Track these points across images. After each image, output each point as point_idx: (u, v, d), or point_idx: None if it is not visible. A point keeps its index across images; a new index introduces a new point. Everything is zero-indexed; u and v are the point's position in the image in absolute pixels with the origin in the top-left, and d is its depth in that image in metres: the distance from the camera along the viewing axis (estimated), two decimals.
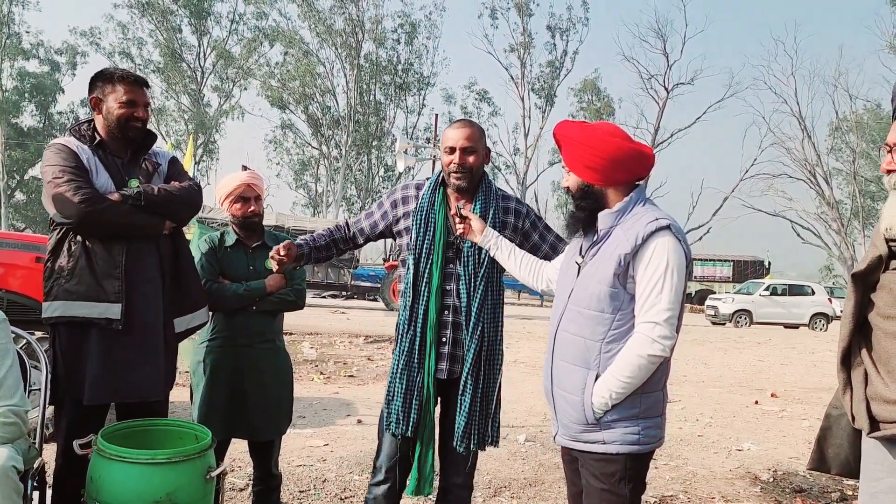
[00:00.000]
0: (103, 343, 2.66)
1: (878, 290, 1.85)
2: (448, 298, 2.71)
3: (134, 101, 2.75)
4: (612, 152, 2.22)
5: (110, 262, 2.68)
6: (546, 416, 6.53)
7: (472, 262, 2.71)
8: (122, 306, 2.66)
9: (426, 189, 2.79)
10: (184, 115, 41.60)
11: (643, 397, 2.18)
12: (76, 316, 2.65)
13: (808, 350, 14.86)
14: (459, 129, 2.72)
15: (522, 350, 11.84)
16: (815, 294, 23.76)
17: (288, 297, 3.26)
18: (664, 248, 2.13)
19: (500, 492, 4.36)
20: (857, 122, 39.62)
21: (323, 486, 4.27)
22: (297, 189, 47.07)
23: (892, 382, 1.75)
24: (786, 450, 5.86)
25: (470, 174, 2.71)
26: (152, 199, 2.72)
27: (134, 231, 2.72)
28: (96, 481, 2.35)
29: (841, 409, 1.98)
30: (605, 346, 2.18)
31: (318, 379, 8.28)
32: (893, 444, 1.78)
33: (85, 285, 2.65)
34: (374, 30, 41.74)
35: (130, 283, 2.69)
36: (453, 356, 2.72)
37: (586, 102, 44.35)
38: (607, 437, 2.18)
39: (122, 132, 2.76)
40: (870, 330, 1.86)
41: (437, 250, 2.70)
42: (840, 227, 39.72)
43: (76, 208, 2.59)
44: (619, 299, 2.17)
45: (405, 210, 2.82)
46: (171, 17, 40.26)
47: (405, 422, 2.68)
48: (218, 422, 3.04)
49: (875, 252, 1.86)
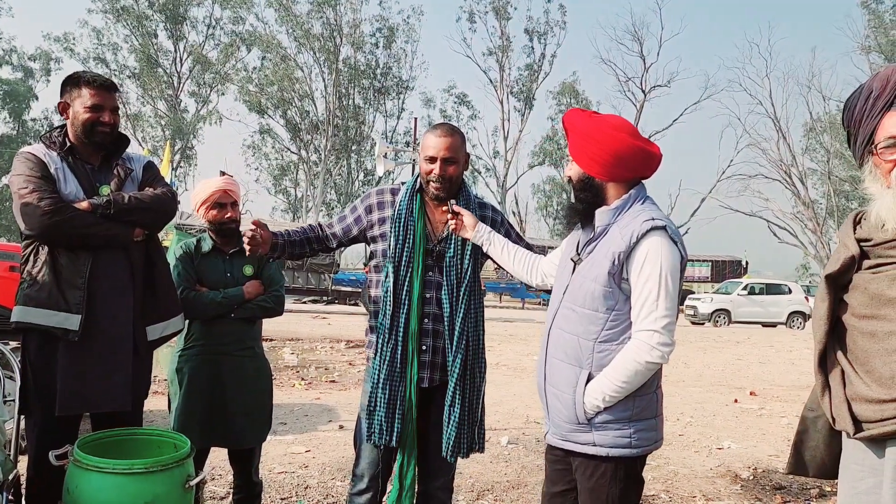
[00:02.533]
0: (69, 353, 2.62)
1: (852, 290, 1.86)
2: (428, 307, 2.68)
3: (100, 105, 2.70)
4: (617, 148, 2.19)
5: (75, 271, 2.63)
6: (528, 419, 6.55)
7: (454, 272, 2.68)
8: (82, 317, 2.61)
9: (403, 195, 2.74)
10: (160, 121, 41.21)
11: (636, 400, 2.17)
12: (32, 323, 2.60)
13: (786, 348, 15.03)
14: (441, 137, 2.65)
15: (504, 353, 11.85)
16: (792, 293, 24.07)
17: (266, 304, 3.23)
18: (658, 252, 2.11)
19: (482, 495, 4.36)
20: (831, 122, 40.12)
21: (305, 492, 4.24)
22: (277, 194, 46.88)
23: (873, 382, 1.76)
24: (765, 447, 5.92)
25: (449, 184, 2.69)
26: (122, 208, 2.68)
27: (101, 240, 2.67)
28: (73, 492, 2.32)
29: (817, 412, 1.98)
30: (599, 346, 2.17)
31: (300, 385, 8.22)
32: (875, 444, 1.78)
33: (46, 293, 2.61)
34: (353, 34, 41.68)
35: (95, 293, 2.64)
36: (433, 364, 2.69)
37: (565, 105, 44.58)
38: (598, 439, 2.16)
39: (88, 137, 2.72)
40: (844, 331, 1.86)
41: (416, 258, 2.66)
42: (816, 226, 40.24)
43: (40, 220, 2.55)
44: (614, 299, 2.16)
45: (381, 216, 2.77)
46: (146, 23, 39.89)
47: (389, 432, 2.64)
48: (197, 430, 3.00)
49: (847, 252, 1.86)
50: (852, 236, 1.87)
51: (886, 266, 1.78)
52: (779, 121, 41.43)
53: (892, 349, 1.72)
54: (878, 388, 1.74)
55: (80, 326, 2.60)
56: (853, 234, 1.87)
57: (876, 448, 1.78)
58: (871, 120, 1.84)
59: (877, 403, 1.74)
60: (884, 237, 1.79)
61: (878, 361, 1.75)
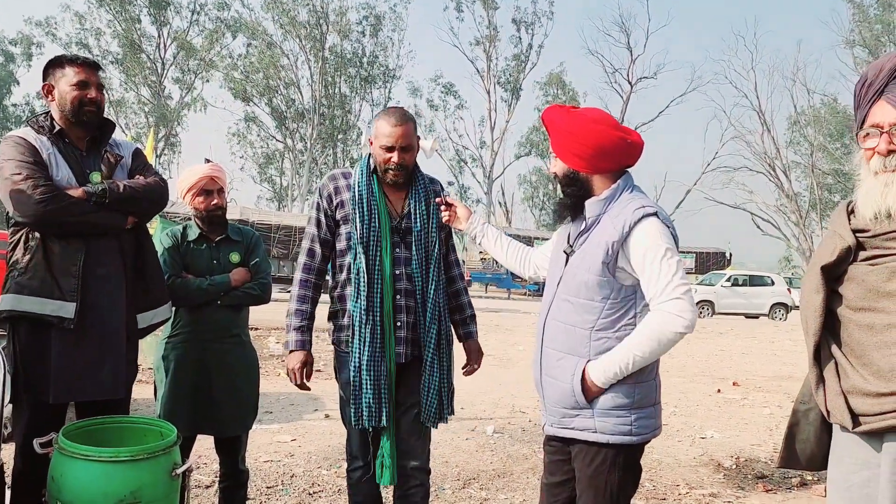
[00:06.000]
0: (63, 341, 2.59)
1: (847, 282, 1.82)
2: (399, 283, 2.72)
3: (86, 81, 2.67)
4: (597, 141, 2.20)
5: (68, 259, 2.60)
6: (514, 408, 6.57)
7: (422, 245, 2.73)
8: (77, 305, 2.58)
9: (358, 177, 2.76)
10: (144, 108, 40.75)
11: (638, 387, 2.18)
12: (27, 311, 2.57)
13: (768, 339, 15.18)
14: (397, 126, 2.67)
15: (491, 342, 11.88)
16: (774, 284, 24.26)
17: (253, 291, 3.22)
18: (656, 233, 2.13)
19: (469, 483, 4.38)
20: (815, 115, 40.44)
21: (291, 481, 4.24)
22: (262, 183, 46.57)
23: (871, 375, 1.73)
24: (748, 437, 5.98)
25: (407, 171, 2.74)
26: (117, 197, 2.65)
27: (96, 229, 2.65)
28: (58, 480, 2.30)
29: (808, 405, 1.97)
30: (595, 334, 2.18)
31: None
32: (871, 438, 1.76)
33: (39, 281, 2.57)
34: (339, 22, 41.41)
35: (88, 280, 2.61)
36: (408, 339, 2.74)
37: (552, 96, 44.60)
38: (599, 425, 2.17)
39: (76, 116, 2.68)
40: (838, 323, 1.83)
41: (385, 237, 2.71)
42: (798, 218, 40.57)
43: (34, 208, 2.50)
44: (609, 287, 2.17)
45: (340, 199, 2.78)
46: (129, 7, 39.35)
47: (378, 414, 2.67)
48: (183, 418, 2.98)
49: (843, 243, 1.82)
50: (847, 226, 1.83)
51: (884, 257, 1.75)
52: (763, 113, 41.65)
53: (891, 342, 1.69)
54: (876, 381, 1.71)
55: (76, 314, 2.58)
56: (848, 224, 1.84)
57: (871, 441, 1.76)
58: (863, 108, 1.84)
59: (875, 397, 1.71)
60: (882, 228, 1.75)
61: (877, 354, 1.72)
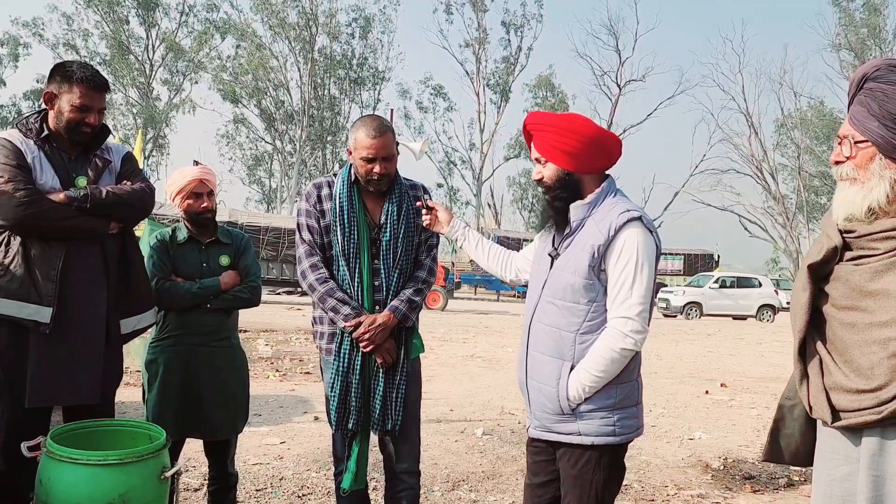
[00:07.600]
0: (40, 345, 2.57)
1: (832, 281, 1.87)
2: (378, 294, 2.75)
3: (88, 106, 2.63)
4: (593, 135, 2.24)
5: (47, 262, 2.58)
6: (503, 410, 6.59)
7: (391, 255, 2.76)
8: (54, 310, 2.56)
9: (340, 187, 2.77)
10: (132, 109, 40.59)
11: (618, 388, 2.21)
12: (4, 314, 2.55)
13: (756, 341, 15.27)
14: (377, 138, 2.66)
15: (479, 345, 11.88)
16: (762, 286, 24.43)
17: (243, 295, 3.21)
18: (634, 241, 2.16)
19: (458, 485, 4.39)
20: (802, 118, 40.81)
21: (280, 484, 4.23)
22: (251, 185, 46.48)
23: (852, 372, 1.78)
24: (736, 438, 6.02)
25: (390, 179, 2.77)
26: (99, 202, 2.62)
27: (76, 234, 2.63)
28: (46, 484, 2.29)
29: (793, 400, 2.01)
30: (580, 337, 2.20)
31: (274, 376, 8.19)
32: (851, 433, 1.81)
33: (17, 283, 2.55)
34: (328, 23, 41.38)
35: (67, 285, 2.59)
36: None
37: (541, 98, 44.74)
38: (583, 428, 2.21)
39: (69, 134, 2.66)
40: (823, 321, 1.88)
41: (363, 248, 2.74)
42: (786, 220, 40.92)
43: (14, 211, 2.49)
44: (594, 290, 2.20)
45: (322, 208, 2.80)
46: (117, 8, 39.23)
47: (366, 416, 2.72)
48: (172, 421, 2.98)
49: (830, 243, 1.87)
50: (835, 227, 1.87)
51: (868, 258, 1.80)
52: (751, 116, 42.04)
53: (872, 340, 1.74)
54: (856, 378, 1.77)
55: (52, 319, 2.56)
56: (836, 224, 1.88)
57: (852, 437, 1.81)
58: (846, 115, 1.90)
59: (855, 393, 1.76)
60: (867, 230, 1.79)
61: (858, 352, 1.77)
